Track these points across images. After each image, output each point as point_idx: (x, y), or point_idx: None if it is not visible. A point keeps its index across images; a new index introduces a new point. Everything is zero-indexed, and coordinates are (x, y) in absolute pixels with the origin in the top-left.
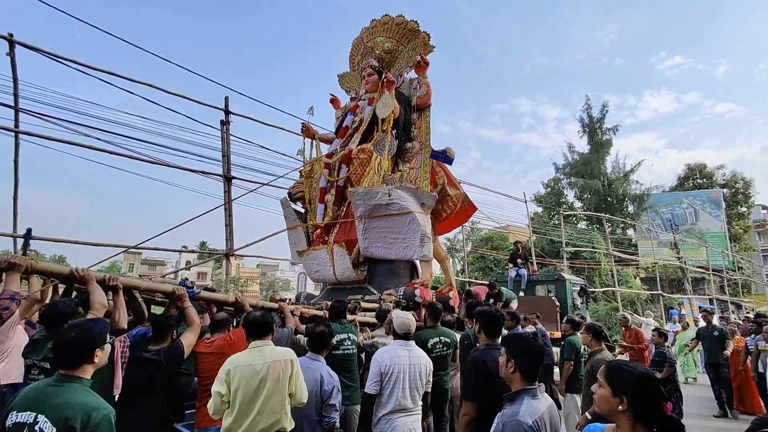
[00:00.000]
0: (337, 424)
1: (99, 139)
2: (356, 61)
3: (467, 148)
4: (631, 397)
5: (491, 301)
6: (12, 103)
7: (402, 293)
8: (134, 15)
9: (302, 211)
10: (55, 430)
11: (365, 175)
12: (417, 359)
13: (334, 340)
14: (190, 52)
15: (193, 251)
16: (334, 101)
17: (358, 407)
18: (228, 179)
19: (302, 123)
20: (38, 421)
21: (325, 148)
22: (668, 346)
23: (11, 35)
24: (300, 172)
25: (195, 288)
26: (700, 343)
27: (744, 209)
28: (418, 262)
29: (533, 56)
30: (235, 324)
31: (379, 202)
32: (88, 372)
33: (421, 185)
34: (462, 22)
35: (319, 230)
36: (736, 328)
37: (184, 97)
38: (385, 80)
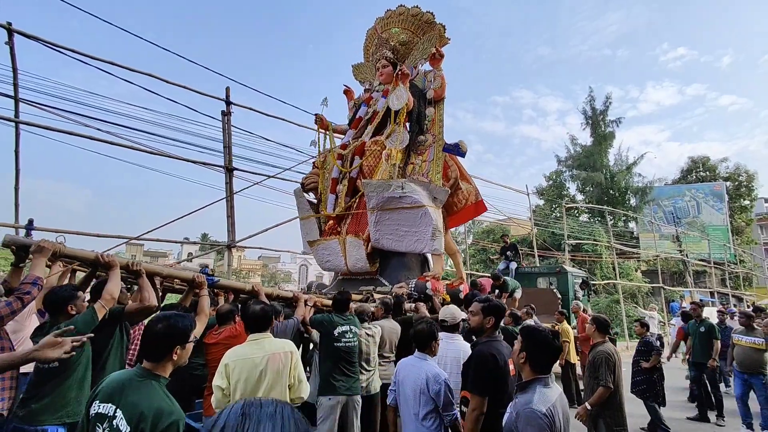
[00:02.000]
0: (459, 419)
1: (99, 129)
2: (370, 52)
3: (468, 141)
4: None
5: (496, 292)
6: (12, 93)
7: (413, 285)
8: (133, 4)
9: (315, 201)
10: (129, 429)
11: (378, 166)
12: (456, 351)
13: (335, 332)
14: (190, 41)
15: (195, 243)
16: (347, 92)
17: (358, 397)
18: (229, 170)
19: (316, 114)
20: (116, 416)
21: (338, 140)
22: (651, 335)
23: (10, 24)
24: (313, 163)
25: (215, 276)
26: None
27: (747, 202)
28: (429, 255)
29: (534, 46)
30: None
31: (392, 194)
32: (167, 370)
33: (434, 178)
34: (462, 12)
35: (331, 221)
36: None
37: (185, 88)
38: (399, 73)
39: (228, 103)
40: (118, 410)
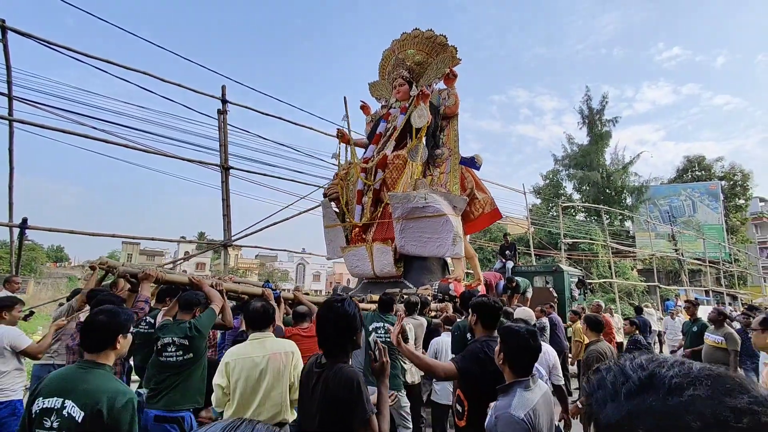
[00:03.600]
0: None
1: (94, 128)
2: (387, 71)
3: (465, 140)
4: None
5: (508, 292)
6: (6, 91)
7: (437, 287)
8: (128, 1)
9: (337, 210)
10: (82, 414)
11: (400, 178)
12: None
13: (370, 328)
14: (186, 40)
15: (191, 241)
16: (364, 108)
17: (397, 394)
18: (225, 169)
19: (338, 129)
20: (66, 406)
21: (358, 152)
22: (638, 333)
23: (3, 21)
24: (335, 174)
25: (277, 290)
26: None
27: (742, 201)
28: (449, 259)
29: (531, 45)
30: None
31: (415, 205)
32: (111, 359)
33: (452, 189)
34: (459, 10)
35: (357, 229)
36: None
37: (181, 86)
38: (420, 92)
39: (224, 101)
40: (66, 401)
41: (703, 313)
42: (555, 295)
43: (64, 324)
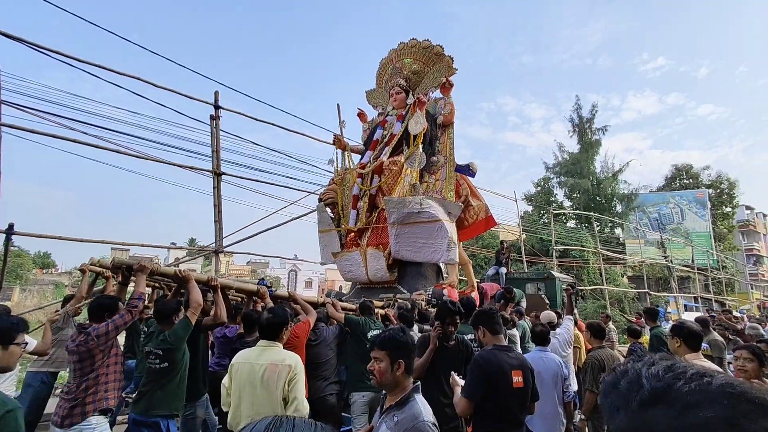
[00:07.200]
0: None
1: (84, 132)
2: (384, 79)
3: (456, 147)
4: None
5: (502, 302)
6: None
7: (431, 293)
8: (119, 3)
9: (332, 216)
10: None
11: (396, 185)
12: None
13: (369, 335)
14: (178, 44)
15: (181, 248)
16: (360, 115)
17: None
18: (217, 175)
19: (334, 135)
20: None
21: (354, 159)
22: (641, 343)
23: None
24: (331, 179)
25: (272, 288)
26: None
27: (728, 209)
28: (443, 265)
29: (519, 53)
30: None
31: (411, 210)
32: None
33: (447, 196)
34: (448, 17)
35: (352, 234)
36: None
37: (173, 91)
38: (416, 100)
39: (216, 107)
40: None
41: (691, 319)
42: (547, 301)
43: (56, 319)
